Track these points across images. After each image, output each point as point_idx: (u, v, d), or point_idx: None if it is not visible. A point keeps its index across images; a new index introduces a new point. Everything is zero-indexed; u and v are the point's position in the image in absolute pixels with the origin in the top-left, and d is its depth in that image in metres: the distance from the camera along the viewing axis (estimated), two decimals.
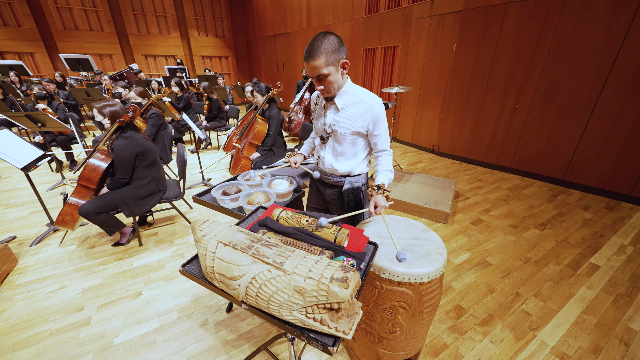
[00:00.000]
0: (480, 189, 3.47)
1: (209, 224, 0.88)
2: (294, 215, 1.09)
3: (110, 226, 2.23)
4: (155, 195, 2.34)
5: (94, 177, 2.09)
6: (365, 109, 1.25)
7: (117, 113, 2.09)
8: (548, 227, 2.65)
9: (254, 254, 0.75)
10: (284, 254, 0.75)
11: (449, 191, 3.08)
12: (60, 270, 2.14)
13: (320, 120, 1.37)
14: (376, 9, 5.23)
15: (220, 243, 0.80)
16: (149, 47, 9.74)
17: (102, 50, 9.10)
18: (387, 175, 1.30)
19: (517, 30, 3.43)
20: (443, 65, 4.28)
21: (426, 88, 4.65)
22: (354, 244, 1.05)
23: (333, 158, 1.40)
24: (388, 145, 1.34)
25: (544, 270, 2.09)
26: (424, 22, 4.38)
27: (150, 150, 2.22)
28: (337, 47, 1.12)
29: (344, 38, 6.15)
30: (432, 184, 3.28)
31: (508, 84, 3.66)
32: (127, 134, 2.11)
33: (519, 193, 3.36)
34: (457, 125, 4.35)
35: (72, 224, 2.15)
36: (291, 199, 1.59)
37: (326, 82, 1.17)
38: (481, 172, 4.02)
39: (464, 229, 2.64)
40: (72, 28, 8.65)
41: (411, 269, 1.02)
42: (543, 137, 3.52)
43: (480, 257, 2.24)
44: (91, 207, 2.07)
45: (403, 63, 4.93)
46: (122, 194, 2.17)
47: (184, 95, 5.34)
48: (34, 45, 8.23)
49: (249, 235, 0.83)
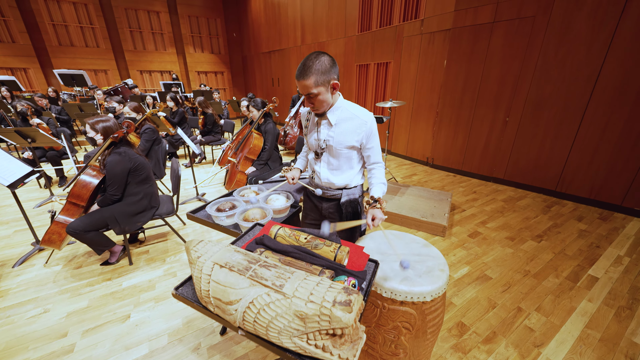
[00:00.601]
0: (476, 201, 3.49)
1: (204, 244, 0.84)
2: (292, 232, 1.06)
3: (99, 245, 2.15)
4: (148, 211, 2.28)
5: (84, 194, 2.03)
6: (358, 124, 1.27)
7: (110, 129, 2.06)
8: (544, 238, 2.65)
9: (251, 275, 0.72)
10: (283, 275, 0.72)
11: (445, 204, 3.08)
12: (44, 292, 2.02)
13: (313, 136, 1.38)
14: (368, 27, 5.41)
15: (216, 265, 0.76)
16: (144, 63, 9.83)
17: (97, 66, 9.14)
18: (381, 188, 1.31)
19: (504, 48, 3.57)
20: (434, 80, 4.40)
21: (419, 102, 4.76)
22: (354, 262, 1.02)
23: (329, 172, 1.39)
24: (380, 157, 1.36)
25: (544, 283, 2.07)
26: (414, 39, 4.54)
27: (143, 166, 2.18)
28: (328, 68, 1.14)
29: (338, 54, 6.32)
30: (428, 196, 3.28)
31: (498, 97, 3.76)
32: (120, 149, 2.08)
33: (513, 204, 3.38)
34: (450, 138, 4.43)
35: (59, 243, 2.06)
36: (288, 214, 1.56)
37: (316, 100, 1.19)
38: (476, 184, 4.06)
39: (461, 241, 2.62)
40: (68, 44, 8.70)
41: (413, 287, 0.99)
42: (534, 149, 3.60)
43: (480, 271, 2.21)
44: (80, 225, 2.00)
45: (395, 78, 5.05)
46: (113, 211, 2.10)
47: (179, 110, 5.35)
48: (27, 61, 8.22)
49: (247, 256, 0.80)
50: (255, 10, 9.57)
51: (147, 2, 9.41)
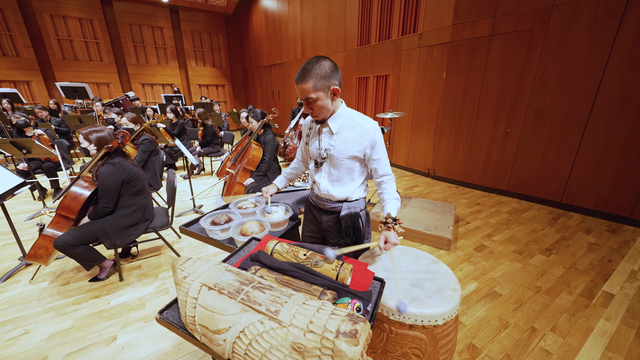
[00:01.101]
0: (480, 213, 3.40)
1: (192, 263, 0.76)
2: (291, 248, 0.98)
3: (88, 260, 2.04)
4: (141, 224, 2.19)
5: (74, 207, 1.95)
6: (361, 133, 1.21)
7: (105, 139, 2.00)
8: (554, 252, 2.55)
9: (243, 299, 0.63)
10: (279, 299, 0.63)
11: (449, 216, 2.99)
12: (27, 311, 1.91)
13: (314, 145, 1.32)
14: (367, 41, 5.50)
15: (204, 286, 0.68)
16: (146, 76, 9.97)
17: (99, 79, 9.26)
18: (395, 204, 1.22)
19: (502, 60, 3.59)
20: (434, 92, 4.41)
21: (419, 114, 4.76)
22: (358, 281, 0.93)
23: (329, 183, 1.32)
24: (389, 169, 1.28)
25: (557, 300, 1.95)
26: (413, 52, 4.60)
27: (137, 177, 2.12)
28: (329, 73, 1.10)
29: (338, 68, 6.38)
30: (431, 208, 3.20)
31: (498, 109, 3.75)
32: (114, 160, 2.02)
33: (519, 217, 3.29)
34: (451, 149, 4.39)
35: (46, 258, 1.96)
36: (287, 228, 1.48)
37: (315, 105, 1.14)
38: (479, 196, 3.98)
39: (467, 255, 2.52)
40: (72, 58, 8.85)
41: (424, 310, 0.90)
42: (537, 160, 3.55)
43: (489, 287, 2.10)
44: (68, 239, 1.90)
45: (395, 90, 5.08)
46: (104, 224, 2.01)
47: (178, 122, 5.35)
48: (31, 74, 8.33)
49: (239, 276, 0.71)
50: (257, 25, 9.81)
51: (152, 19, 9.65)
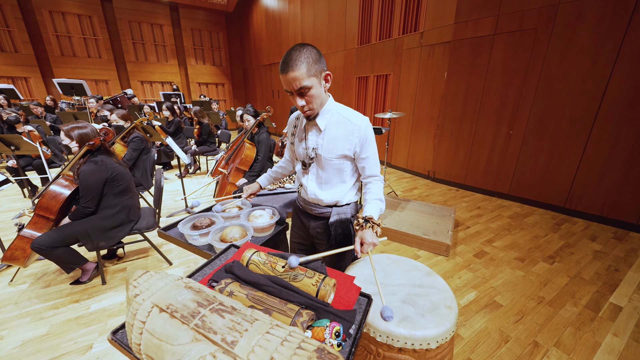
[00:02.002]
0: (480, 217, 3.30)
1: (149, 278, 0.66)
2: (268, 259, 0.88)
3: (68, 262, 1.94)
4: (125, 226, 2.09)
5: (53, 206, 1.86)
6: (350, 129, 1.10)
7: (87, 136, 1.91)
8: (557, 260, 2.44)
9: (197, 325, 0.53)
10: (239, 325, 0.53)
11: (449, 220, 2.89)
12: (3, 315, 1.81)
13: (301, 144, 1.21)
14: (368, 40, 5.41)
15: (156, 307, 0.58)
16: (145, 74, 9.90)
17: (98, 76, 9.20)
18: (377, 205, 1.12)
19: (506, 60, 3.49)
20: (435, 92, 4.31)
21: (419, 114, 4.65)
22: (342, 298, 0.83)
23: (317, 186, 1.22)
24: (378, 170, 1.18)
25: (561, 312, 1.85)
26: (414, 52, 4.49)
27: (122, 176, 2.02)
28: (318, 57, 0.99)
29: (337, 67, 6.30)
30: (430, 212, 3.10)
31: (500, 110, 3.65)
32: (97, 158, 1.92)
33: (521, 222, 3.19)
34: (452, 151, 4.29)
35: (23, 260, 1.86)
36: (272, 233, 1.38)
37: (308, 96, 1.02)
38: (479, 199, 3.88)
39: (467, 262, 2.41)
40: (70, 55, 8.79)
41: (415, 331, 0.80)
42: (540, 164, 3.44)
43: (489, 297, 1.99)
44: (46, 241, 1.81)
45: (395, 90, 4.98)
46: (85, 225, 1.92)
47: (174, 120, 5.25)
48: (29, 70, 8.27)
49: (198, 295, 0.61)
50: (257, 24, 9.73)
51: (151, 16, 9.58)
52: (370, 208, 1.12)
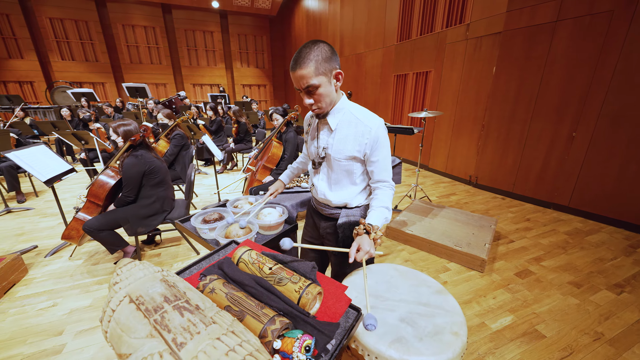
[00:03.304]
0: (529, 231, 2.89)
1: (132, 267, 0.68)
2: (258, 259, 0.85)
3: (112, 244, 2.19)
4: (159, 215, 2.28)
5: (100, 194, 2.11)
6: (361, 131, 1.04)
7: (130, 132, 2.12)
8: (627, 290, 2.01)
9: (156, 321, 0.53)
10: (193, 327, 0.51)
11: (487, 231, 2.58)
12: (60, 285, 2.11)
13: (313, 143, 1.18)
14: (408, 35, 5.13)
15: (128, 297, 0.59)
16: (197, 77, 10.82)
17: (158, 80, 10.32)
18: (382, 214, 1.04)
19: (570, 50, 2.99)
20: (480, 90, 3.90)
21: (461, 114, 4.26)
22: (328, 308, 0.77)
23: (327, 186, 1.17)
24: (388, 175, 1.09)
25: (626, 355, 1.51)
26: (458, 46, 4.13)
27: (158, 170, 2.20)
28: (329, 55, 0.94)
29: (375, 65, 6.11)
30: (466, 221, 2.80)
31: (561, 109, 3.14)
32: (137, 152, 2.13)
33: (581, 240, 2.71)
34: (499, 155, 3.84)
35: (77, 239, 2.15)
36: (281, 231, 1.36)
37: (316, 94, 0.98)
38: (530, 210, 3.40)
39: (505, 281, 2.12)
40: (137, 62, 10.01)
41: (407, 356, 0.70)
42: (612, 172, 2.88)
43: (529, 324, 1.72)
44: (95, 224, 2.06)
45: (436, 88, 4.64)
46: (126, 212, 2.14)
47: (216, 119, 5.63)
48: (105, 76, 9.63)
49: (169, 290, 0.61)
50: (298, 26, 9.95)
51: (204, 24, 10.43)
52: (373, 216, 1.04)
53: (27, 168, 2.18)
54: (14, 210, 3.51)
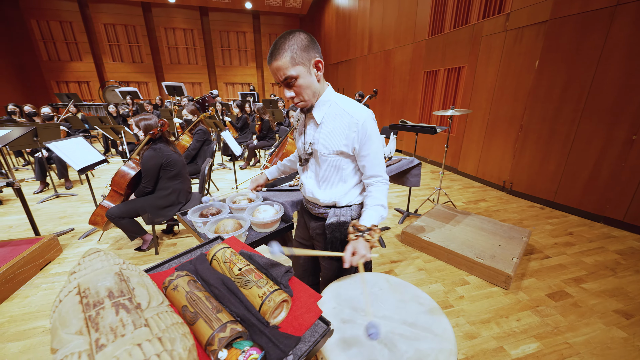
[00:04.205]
0: (570, 247, 2.53)
1: (95, 257, 0.68)
2: (230, 258, 0.81)
3: (131, 232, 2.33)
4: (175, 206, 2.37)
5: (122, 184, 2.24)
6: (348, 123, 0.96)
7: (150, 126, 2.23)
8: None
9: (90, 317, 0.50)
10: (122, 328, 0.48)
11: (518, 244, 2.30)
12: None
13: (300, 139, 1.12)
14: (440, 29, 4.81)
15: (77, 288, 0.58)
16: (229, 76, 11.28)
17: (194, 79, 10.94)
18: (377, 212, 0.96)
19: (632, 39, 2.55)
20: (519, 86, 3.52)
21: (496, 113, 3.89)
22: (295, 318, 0.70)
23: (315, 184, 1.11)
24: (381, 170, 1.00)
25: None
26: (496, 38, 3.76)
27: (175, 163, 2.29)
28: (306, 44, 0.89)
29: (404, 62, 5.84)
30: (494, 230, 2.53)
31: (617, 108, 2.71)
32: (156, 145, 2.23)
33: (637, 262, 2.30)
34: (538, 159, 3.43)
35: (102, 224, 2.32)
36: (275, 230, 1.32)
37: (296, 86, 0.92)
38: (574, 223, 2.99)
39: (534, 302, 1.87)
40: (176, 62, 10.70)
41: None
42: None
43: (558, 355, 1.49)
44: (116, 211, 2.20)
45: (469, 85, 4.29)
46: (144, 202, 2.26)
47: (242, 116, 5.79)
48: (148, 76, 10.44)
49: (118, 284, 0.59)
50: (328, 24, 9.88)
51: (238, 25, 10.83)
52: (368, 215, 0.96)
53: (64, 157, 2.39)
54: (62, 195, 3.92)
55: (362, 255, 0.84)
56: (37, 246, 2.22)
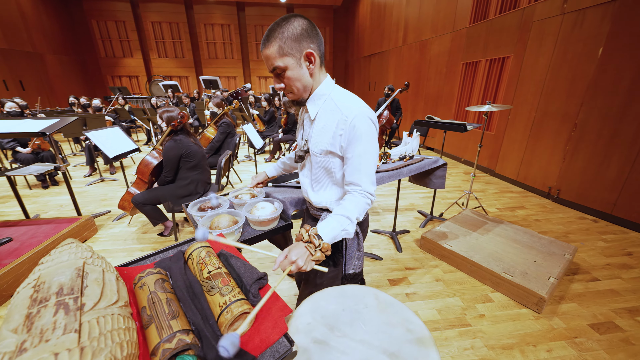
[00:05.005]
0: (627, 270, 2.14)
1: (66, 249, 0.68)
2: (204, 259, 0.77)
3: (154, 218, 2.46)
4: (193, 196, 2.45)
5: (145, 172, 2.37)
6: (337, 121, 0.87)
7: (172, 118, 2.31)
8: None
9: (30, 315, 0.49)
10: (51, 332, 0.45)
11: (558, 261, 2.00)
12: (114, 246, 2.49)
13: (299, 134, 1.05)
14: (484, 15, 4.34)
15: (36, 280, 0.57)
16: (262, 70, 11.50)
17: (229, 73, 11.35)
18: (340, 224, 0.84)
19: None
20: (576, 78, 3.03)
21: (545, 109, 3.42)
22: (258, 333, 0.63)
23: (309, 185, 1.05)
24: (364, 179, 0.87)
25: None
26: (550, 23, 3.28)
27: (194, 154, 2.36)
28: (299, 33, 0.80)
29: (442, 53, 5.41)
30: (530, 243, 2.24)
31: None
32: (177, 137, 2.31)
33: None
34: (595, 164, 2.95)
35: (129, 209, 2.48)
36: (272, 228, 1.27)
37: (285, 78, 0.85)
38: (635, 242, 2.53)
39: (572, 332, 1.60)
40: (214, 57, 11.17)
41: None
42: None
43: None
44: (140, 198, 2.34)
45: (514, 77, 3.83)
46: (165, 191, 2.37)
47: (270, 110, 5.87)
48: (188, 71, 11.06)
49: (73, 280, 0.57)
50: (362, 15, 9.54)
51: (272, 18, 10.92)
52: (326, 224, 0.83)
53: (99, 145, 2.60)
54: (105, 179, 4.32)
55: (292, 261, 0.73)
56: (75, 225, 2.46)
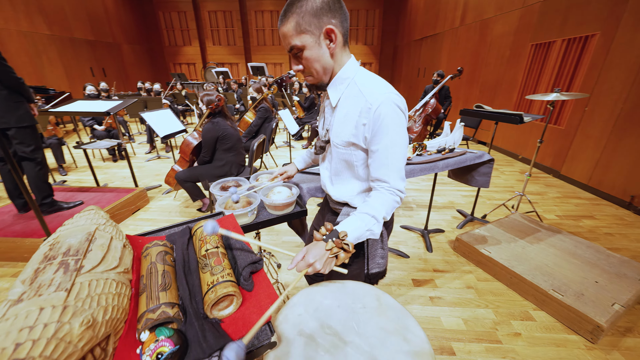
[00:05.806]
0: None
1: (87, 214, 0.75)
2: (205, 237, 0.79)
3: (193, 194, 2.67)
4: (227, 177, 2.59)
5: (187, 151, 2.56)
6: (360, 108, 0.77)
7: (211, 101, 2.43)
8: None
9: (37, 270, 0.54)
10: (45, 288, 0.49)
11: (629, 285, 1.65)
12: (160, 217, 2.78)
13: (320, 123, 0.99)
14: None
15: (54, 240, 0.64)
16: None
17: (276, 60, 11.58)
18: (364, 222, 0.76)
19: None
20: None
21: (637, 101, 2.77)
22: (243, 318, 0.63)
23: (328, 177, 0.99)
24: (392, 174, 0.78)
25: None
26: None
27: (230, 137, 2.47)
28: (321, 6, 0.71)
29: (506, 33, 4.73)
30: (594, 260, 1.88)
31: None
32: (215, 119, 2.43)
33: None
34: None
35: (173, 184, 2.74)
36: (286, 213, 1.26)
37: (303, 59, 0.77)
38: None
39: None
40: (263, 44, 11.48)
41: None
42: None
43: None
44: (182, 175, 2.54)
45: (598, 61, 3.16)
46: (202, 170, 2.54)
47: (310, 96, 5.85)
48: (239, 58, 11.57)
49: (81, 243, 0.63)
50: None
51: None
52: (350, 222, 0.76)
53: (152, 125, 2.88)
54: (162, 157, 4.83)
55: (309, 264, 0.68)
56: (130, 195, 2.80)
